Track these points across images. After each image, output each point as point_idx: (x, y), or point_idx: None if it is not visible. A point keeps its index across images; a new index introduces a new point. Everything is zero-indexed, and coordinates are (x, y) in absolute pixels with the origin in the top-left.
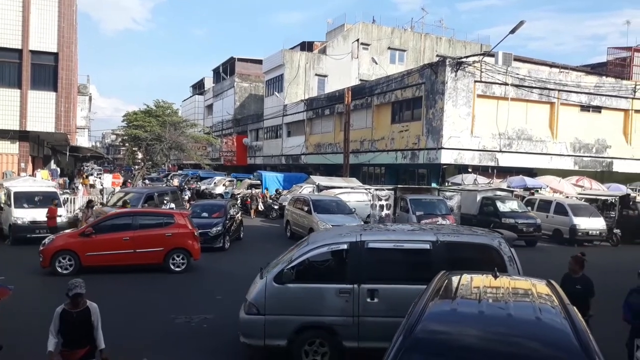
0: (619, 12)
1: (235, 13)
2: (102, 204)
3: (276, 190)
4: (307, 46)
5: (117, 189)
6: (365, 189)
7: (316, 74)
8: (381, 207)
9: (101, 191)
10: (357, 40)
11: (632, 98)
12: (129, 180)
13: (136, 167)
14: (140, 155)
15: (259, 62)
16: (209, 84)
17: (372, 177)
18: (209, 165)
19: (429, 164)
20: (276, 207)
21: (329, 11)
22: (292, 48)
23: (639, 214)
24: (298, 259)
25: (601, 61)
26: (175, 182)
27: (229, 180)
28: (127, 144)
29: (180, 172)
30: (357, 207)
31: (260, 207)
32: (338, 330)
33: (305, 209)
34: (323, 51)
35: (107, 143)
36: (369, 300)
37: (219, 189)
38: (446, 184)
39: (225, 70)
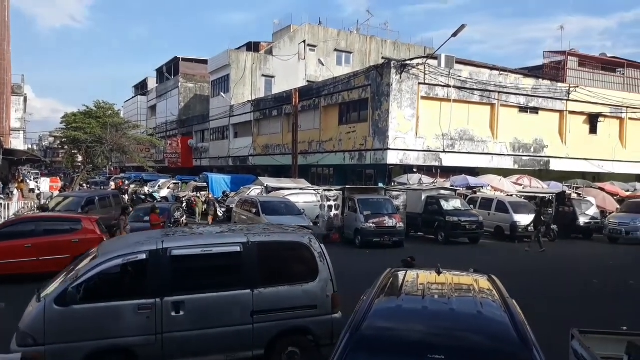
0: (554, 18)
1: (179, 12)
2: (39, 208)
3: (223, 193)
4: (253, 46)
5: (56, 193)
6: (314, 190)
7: (263, 75)
8: (330, 207)
9: (38, 196)
10: (304, 41)
11: (567, 100)
12: (67, 185)
13: (75, 170)
14: (80, 158)
15: (204, 62)
16: (152, 84)
17: (320, 178)
18: (153, 168)
19: (376, 164)
20: (223, 209)
21: (275, 12)
22: (238, 48)
23: (573, 211)
24: (86, 274)
25: (538, 64)
26: (114, 185)
27: (174, 183)
28: (66, 147)
29: (122, 175)
30: (306, 208)
31: (220, 212)
32: (138, 352)
33: (254, 211)
34: (270, 52)
35: (45, 146)
36: (174, 314)
37: (164, 192)
38: (392, 184)
39: (169, 70)
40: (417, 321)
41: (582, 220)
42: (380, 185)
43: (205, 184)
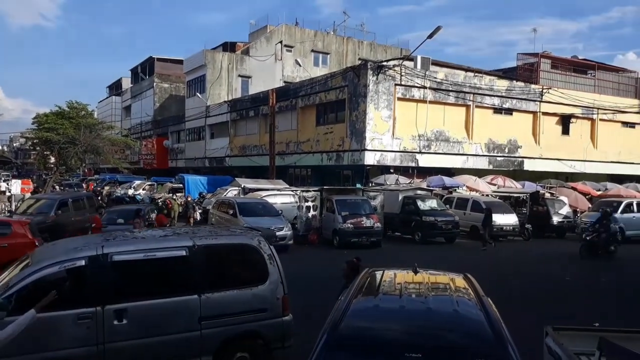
0: (527, 21)
1: (154, 12)
2: (10, 212)
3: (200, 194)
4: (229, 47)
5: (27, 195)
6: (292, 191)
7: (239, 75)
8: (308, 208)
9: (9, 198)
10: (281, 42)
11: (540, 101)
12: (40, 187)
13: (47, 172)
14: (52, 160)
15: (180, 62)
16: (126, 84)
17: (298, 179)
18: (128, 169)
19: (354, 165)
20: (200, 211)
21: (252, 12)
22: (214, 48)
23: (547, 210)
24: (18, 284)
25: (512, 66)
26: (85, 187)
27: (149, 184)
28: (37, 148)
29: (96, 176)
30: (284, 209)
31: (197, 216)
32: None
33: (231, 212)
34: (246, 52)
35: (16, 147)
36: (116, 322)
37: (140, 194)
38: (370, 184)
39: (144, 70)
40: (395, 320)
41: (556, 219)
42: (358, 185)
43: (181, 185)
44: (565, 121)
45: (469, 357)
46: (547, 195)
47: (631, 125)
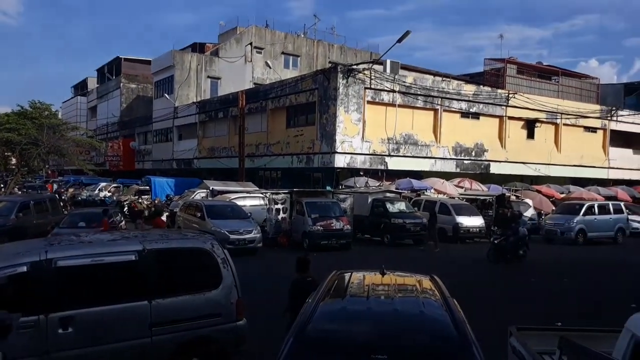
0: (494, 27)
1: (122, 11)
2: None
3: (167, 196)
4: (198, 48)
5: None
6: (262, 193)
7: (208, 76)
8: (277, 210)
9: None
10: (251, 43)
11: (506, 106)
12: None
13: (8, 173)
14: (14, 161)
15: (147, 62)
16: (92, 84)
17: (268, 181)
18: (93, 171)
19: (324, 167)
20: (167, 213)
21: (221, 13)
22: (182, 49)
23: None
24: None
25: (479, 71)
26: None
27: (115, 187)
28: None
29: (60, 178)
30: (253, 211)
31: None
32: None
33: (198, 214)
34: (215, 53)
35: None
36: (61, 331)
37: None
38: (340, 187)
39: (111, 70)
40: (362, 322)
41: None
42: (328, 188)
43: (147, 187)
44: (530, 125)
45: (433, 357)
46: (513, 197)
47: (593, 130)
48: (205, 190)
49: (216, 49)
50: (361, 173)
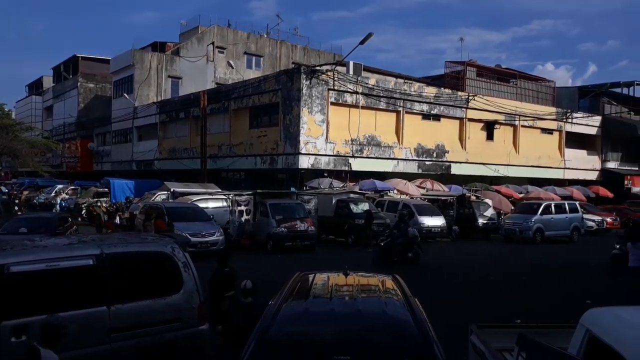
0: (455, 30)
1: (80, 8)
2: None
3: (126, 198)
4: (159, 47)
5: None
6: (224, 195)
7: (169, 76)
8: (241, 212)
9: None
10: (213, 43)
11: (466, 108)
12: None
13: None
14: None
15: (106, 61)
16: (48, 83)
17: (231, 183)
18: (49, 173)
19: (288, 168)
20: (126, 216)
21: (183, 13)
22: (142, 48)
23: (473, 212)
24: None
25: (440, 73)
26: None
27: (72, 189)
28: None
29: (14, 180)
30: (216, 213)
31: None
32: None
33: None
34: (176, 52)
35: None
36: (14, 340)
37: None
38: (304, 188)
39: (67, 69)
40: (325, 323)
41: (481, 221)
42: (292, 189)
43: (106, 189)
44: (489, 127)
45: (395, 356)
46: (473, 198)
47: (549, 131)
48: (166, 192)
49: (177, 48)
50: (325, 174)
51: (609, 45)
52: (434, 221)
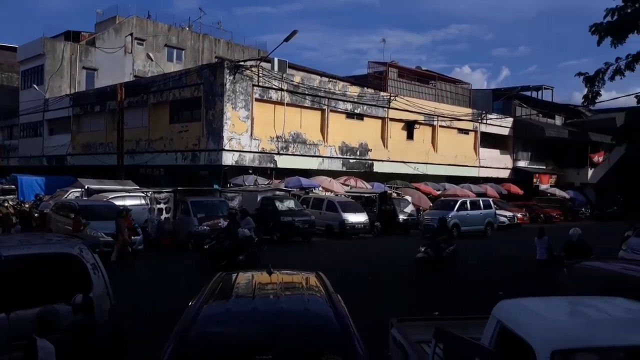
0: (378, 31)
1: None
2: None
3: (36, 196)
4: (72, 36)
5: None
6: (143, 192)
7: (84, 67)
8: (160, 210)
9: None
10: (131, 34)
11: (388, 108)
12: None
13: None
14: None
15: (13, 49)
16: None
17: (150, 179)
18: None
19: (211, 165)
20: (36, 215)
21: (99, 1)
22: (54, 37)
23: (394, 209)
24: None
25: (363, 73)
26: None
27: None
28: None
29: None
30: (134, 211)
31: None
32: None
33: (72, 216)
34: (92, 43)
35: None
36: None
37: None
38: (228, 185)
39: None
40: (247, 323)
41: (401, 217)
42: (215, 186)
43: (13, 186)
44: (409, 127)
45: (317, 353)
46: (394, 195)
47: (465, 132)
48: (79, 190)
49: (93, 39)
50: (250, 171)
51: (520, 51)
52: (357, 217)
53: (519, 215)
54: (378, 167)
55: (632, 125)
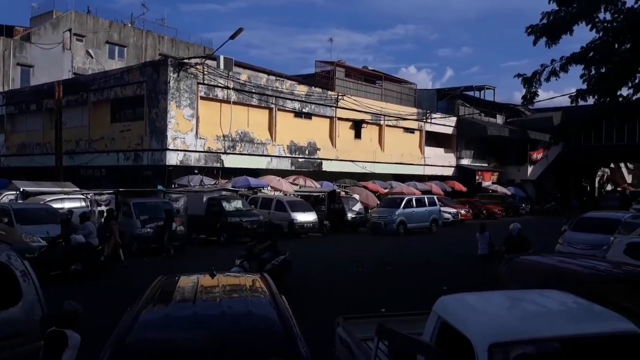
0: (325, 30)
1: None
2: None
3: None
4: (5, 30)
5: None
6: (82, 194)
7: (18, 64)
8: (101, 213)
9: None
10: (70, 30)
11: (335, 107)
12: None
13: None
14: None
15: None
16: None
17: (91, 181)
18: None
19: (154, 165)
20: None
21: None
22: None
23: (342, 207)
24: None
25: (311, 72)
26: None
27: None
28: None
29: None
30: (74, 214)
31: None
32: None
33: (5, 220)
34: (27, 38)
35: None
36: None
37: None
38: (172, 185)
39: None
40: (187, 328)
41: (350, 215)
42: (159, 187)
43: None
44: (357, 126)
45: (260, 357)
46: (342, 193)
47: (411, 131)
48: (14, 192)
49: (28, 34)
50: (196, 171)
51: (463, 51)
52: (307, 217)
53: (462, 211)
54: (327, 166)
55: (568, 123)
